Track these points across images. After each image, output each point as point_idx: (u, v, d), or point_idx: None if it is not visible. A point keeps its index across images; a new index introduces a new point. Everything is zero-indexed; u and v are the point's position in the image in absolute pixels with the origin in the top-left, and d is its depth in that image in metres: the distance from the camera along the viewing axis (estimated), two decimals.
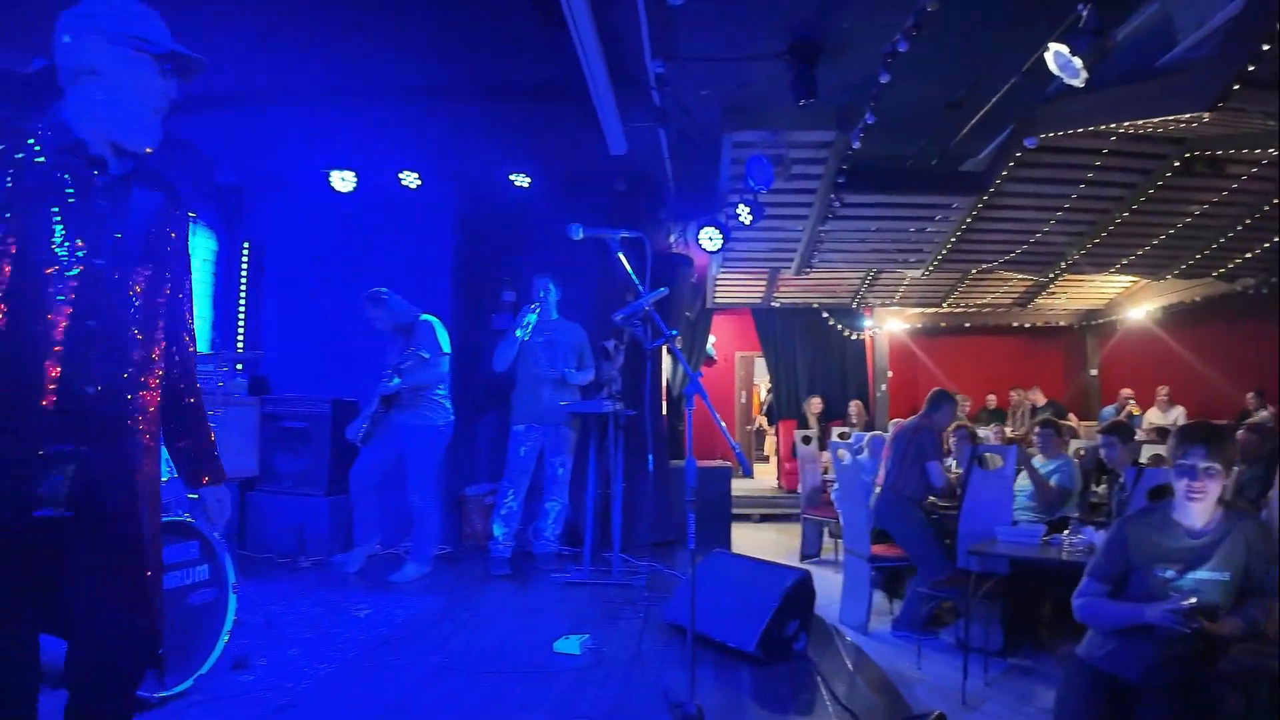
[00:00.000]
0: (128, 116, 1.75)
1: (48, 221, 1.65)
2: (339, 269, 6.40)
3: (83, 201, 1.70)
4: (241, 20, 4.09)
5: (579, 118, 5.35)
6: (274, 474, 6.12)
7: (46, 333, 1.62)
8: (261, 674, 3.48)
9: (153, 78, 1.78)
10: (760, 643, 3.60)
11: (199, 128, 5.89)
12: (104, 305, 1.71)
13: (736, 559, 4.39)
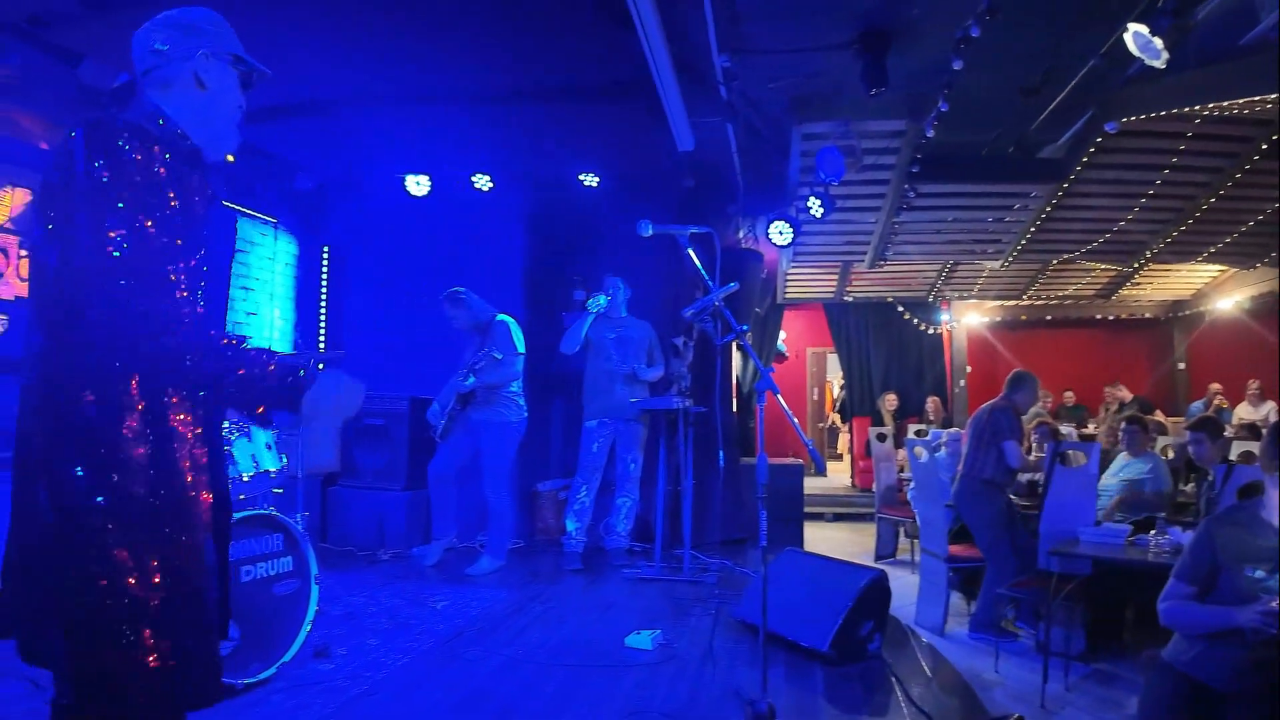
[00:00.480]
0: (224, 127, 1.84)
1: (190, 230, 1.66)
2: (415, 271, 6.56)
3: (194, 204, 1.70)
4: (319, 30, 4.21)
5: (646, 115, 5.36)
6: (354, 469, 6.33)
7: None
8: (341, 663, 3.60)
9: (237, 92, 1.85)
10: (834, 642, 3.57)
11: (280, 136, 6.10)
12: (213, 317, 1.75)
13: (810, 557, 4.35)
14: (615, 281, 5.75)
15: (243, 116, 1.88)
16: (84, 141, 1.52)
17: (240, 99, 1.86)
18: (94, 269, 1.47)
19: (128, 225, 1.49)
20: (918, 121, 5.93)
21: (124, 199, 1.51)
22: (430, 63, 4.64)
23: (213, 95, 1.79)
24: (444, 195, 6.62)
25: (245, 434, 3.62)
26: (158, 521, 1.52)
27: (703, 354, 5.95)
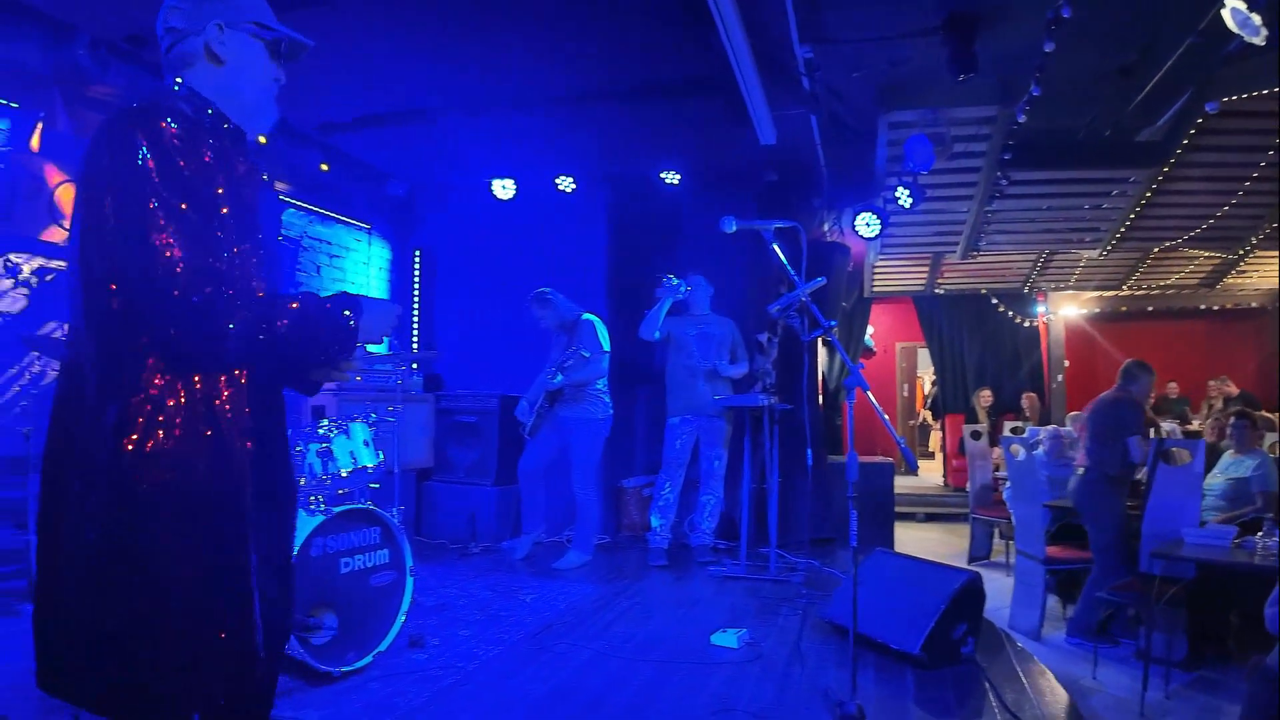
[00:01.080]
0: (254, 102, 1.72)
1: (251, 215, 1.66)
2: (502, 272, 6.71)
3: (241, 188, 1.66)
4: (410, 41, 4.34)
5: (727, 110, 5.34)
6: (447, 465, 6.54)
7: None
8: (435, 653, 3.71)
9: (267, 63, 1.72)
10: (925, 645, 3.50)
11: (371, 145, 6.31)
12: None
13: (901, 558, 4.27)
14: (697, 279, 5.76)
15: (278, 88, 1.75)
16: (127, 130, 1.48)
17: (273, 70, 1.73)
18: (137, 260, 1.42)
19: (172, 214, 1.44)
20: (1009, 106, 5.74)
21: (169, 187, 1.45)
22: (515, 68, 4.72)
23: (232, 69, 1.66)
24: (529, 198, 6.74)
25: (344, 431, 3.77)
26: (192, 517, 1.47)
27: (788, 350, 5.90)
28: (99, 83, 4.54)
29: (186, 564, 1.46)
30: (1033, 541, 5.04)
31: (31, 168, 4.40)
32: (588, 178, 6.64)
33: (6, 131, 4.32)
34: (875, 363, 12.83)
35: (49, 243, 4.50)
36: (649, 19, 4.34)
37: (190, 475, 1.47)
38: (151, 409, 1.45)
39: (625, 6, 4.17)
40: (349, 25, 4.13)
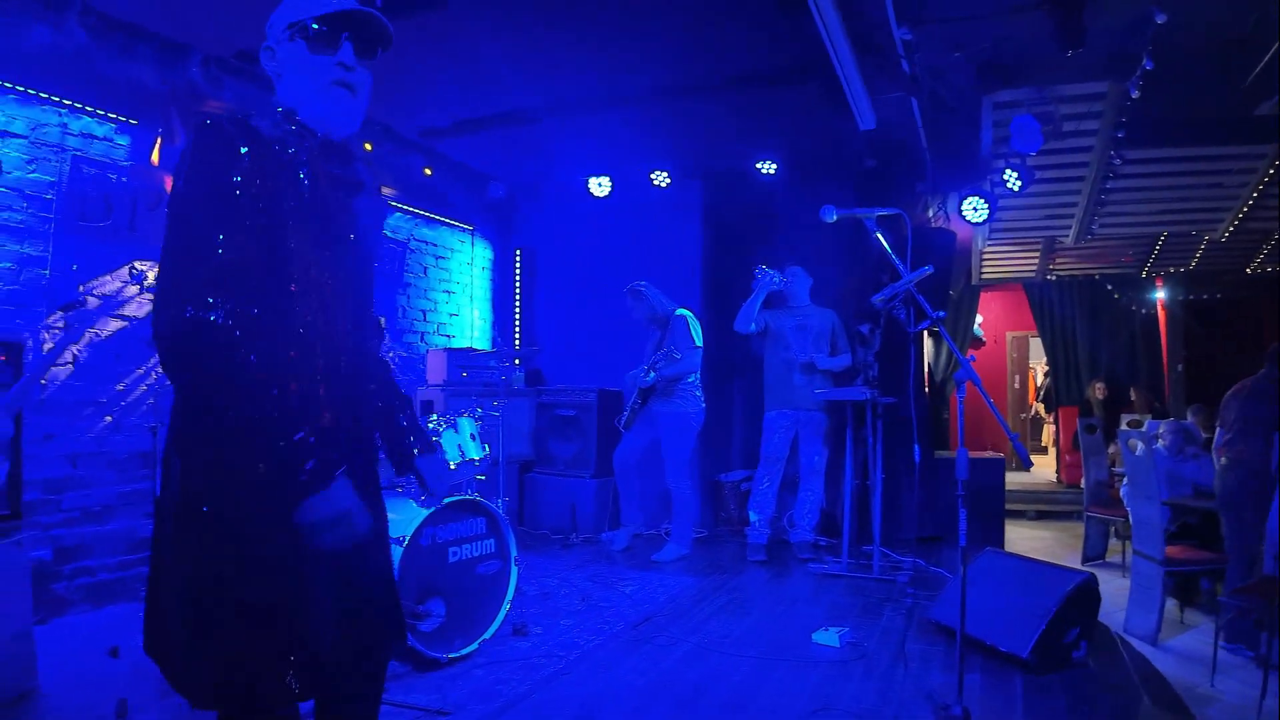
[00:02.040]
0: (317, 105, 1.67)
1: (319, 225, 1.64)
2: (600, 268, 6.77)
3: (339, 198, 1.71)
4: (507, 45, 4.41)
5: (823, 97, 5.23)
6: (548, 457, 6.68)
7: (327, 339, 1.65)
8: (538, 641, 3.81)
9: (315, 59, 1.65)
10: (1035, 649, 3.38)
11: (473, 149, 6.46)
12: (356, 307, 1.74)
13: (1011, 558, 4.13)
14: (795, 269, 5.69)
15: (355, 80, 1.68)
16: (192, 144, 1.52)
17: (327, 64, 1.65)
18: (201, 270, 1.45)
19: (235, 225, 1.49)
20: (1121, 82, 5.43)
21: (230, 199, 1.49)
22: (611, 66, 4.75)
23: (289, 80, 1.67)
24: (624, 194, 6.78)
25: (452, 425, 3.87)
26: (263, 526, 1.51)
27: (891, 341, 5.76)
28: (212, 98, 4.79)
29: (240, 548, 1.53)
30: (1151, 541, 4.78)
31: (151, 181, 4.66)
32: (682, 171, 6.62)
33: (127, 147, 4.60)
34: (985, 353, 12.38)
35: None
36: (743, 9, 4.30)
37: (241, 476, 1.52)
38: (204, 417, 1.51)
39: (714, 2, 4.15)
40: (449, 32, 4.24)
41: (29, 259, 4.16)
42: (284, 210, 1.56)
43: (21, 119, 4.14)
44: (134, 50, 4.39)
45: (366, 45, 1.69)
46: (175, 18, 4.28)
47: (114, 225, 4.46)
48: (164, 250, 1.49)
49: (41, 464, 4.15)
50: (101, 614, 4.28)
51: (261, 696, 1.53)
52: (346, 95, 1.67)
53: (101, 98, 4.43)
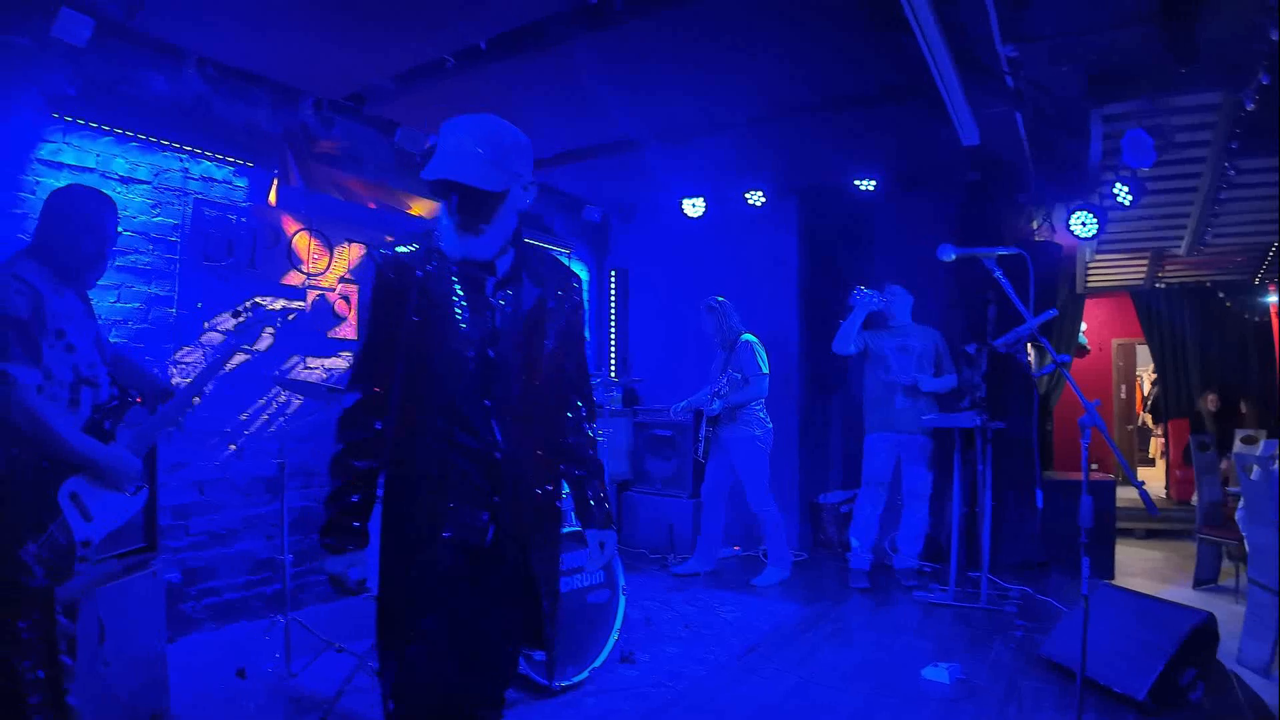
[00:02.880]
0: (442, 236, 2.03)
1: (452, 319, 2.01)
2: (693, 288, 6.75)
3: (475, 300, 2.04)
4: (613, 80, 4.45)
5: (925, 112, 5.14)
6: (645, 477, 6.74)
7: (458, 407, 2.00)
8: (645, 669, 3.85)
9: (442, 208, 2.02)
10: (1152, 691, 3.27)
11: (573, 176, 6.56)
12: (497, 385, 2.03)
13: (1126, 594, 3.98)
14: (895, 288, 5.58)
15: (445, 213, 2.01)
16: (364, 264, 2.11)
17: (442, 209, 2.01)
18: (359, 357, 2.07)
19: (379, 327, 2.02)
20: (1235, 92, 5.19)
21: (372, 310, 2.02)
22: (711, 92, 4.75)
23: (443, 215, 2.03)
24: (718, 214, 6.73)
25: None
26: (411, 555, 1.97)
27: (997, 363, 5.59)
28: (324, 138, 4.99)
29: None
30: (1268, 570, 4.53)
31: (270, 219, 4.89)
32: (777, 189, 6.55)
33: (246, 189, 4.81)
34: (1089, 361, 11.89)
35: (289, 286, 4.99)
36: (844, 32, 4.26)
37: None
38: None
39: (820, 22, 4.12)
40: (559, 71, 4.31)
41: (156, 298, 4.40)
42: (410, 312, 1.99)
43: (145, 165, 4.37)
44: (249, 95, 4.60)
45: (471, 202, 1.96)
46: (287, 63, 4.47)
47: (235, 263, 4.69)
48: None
49: (171, 491, 4.38)
50: (225, 632, 4.49)
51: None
52: (470, 236, 1.99)
53: (220, 142, 4.64)
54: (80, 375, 2.54)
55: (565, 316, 2.19)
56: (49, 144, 3.95)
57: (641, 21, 3.85)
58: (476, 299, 2.04)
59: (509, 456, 2.03)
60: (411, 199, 5.72)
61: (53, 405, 2.41)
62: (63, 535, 2.39)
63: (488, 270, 2.06)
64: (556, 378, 2.17)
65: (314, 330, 5.11)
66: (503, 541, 2.03)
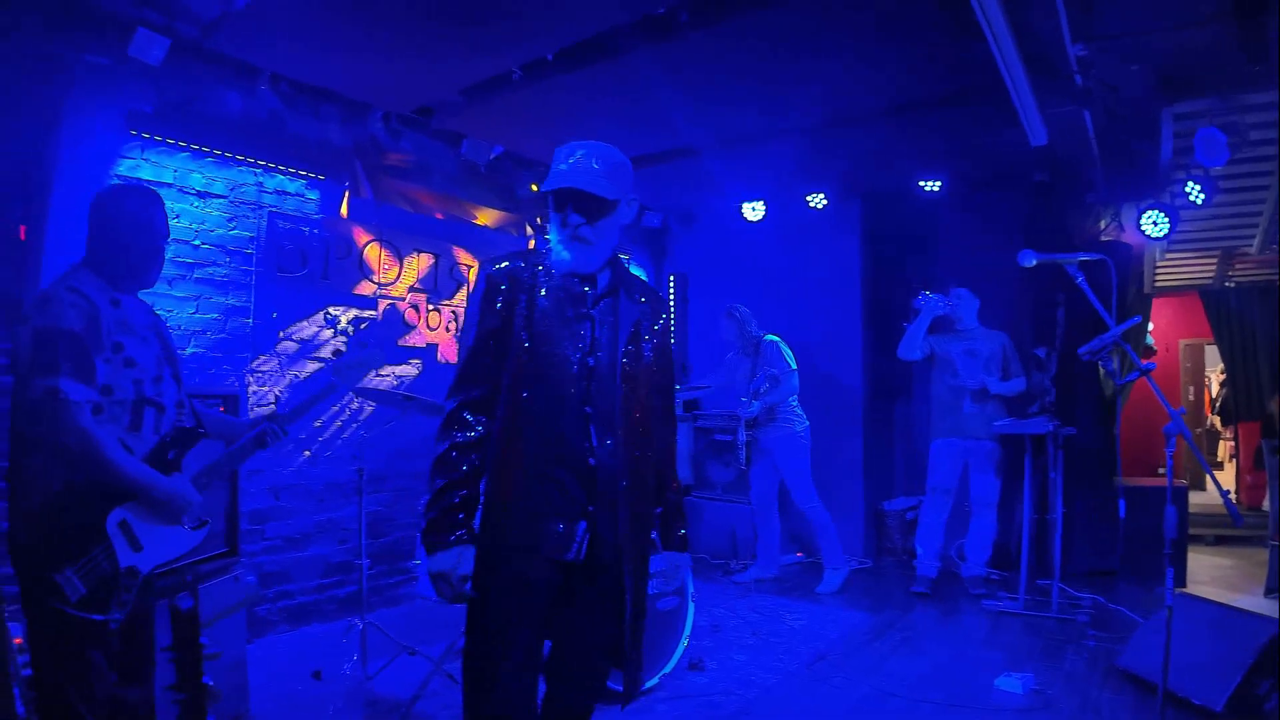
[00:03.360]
0: (554, 248, 2.14)
1: (556, 328, 2.10)
2: (752, 292, 6.72)
3: (577, 311, 2.13)
4: (677, 89, 4.46)
5: (991, 114, 5.07)
6: (707, 482, 6.75)
7: (558, 413, 2.06)
8: (714, 676, 3.87)
9: (555, 216, 2.12)
10: (1229, 703, 3.23)
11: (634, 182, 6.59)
12: (599, 395, 2.10)
13: (1202, 603, 3.90)
14: (960, 291, 5.51)
15: (575, 233, 2.11)
16: (477, 278, 2.16)
17: (558, 220, 2.12)
18: (465, 362, 2.15)
19: (481, 338, 2.12)
20: None
21: (481, 317, 2.13)
22: (776, 99, 4.73)
23: (551, 230, 2.18)
24: (779, 217, 6.69)
25: None
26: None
27: (1067, 368, 5.50)
28: (393, 151, 5.09)
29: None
30: None
31: (341, 231, 5.01)
32: (840, 192, 6.48)
33: (318, 202, 4.93)
34: (1156, 363, 11.60)
35: (360, 295, 5.12)
36: (909, 37, 4.23)
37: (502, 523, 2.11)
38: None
39: (885, 28, 4.10)
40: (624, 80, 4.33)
41: (233, 309, 4.53)
42: (516, 320, 2.10)
43: (221, 180, 4.50)
44: (320, 111, 4.72)
45: (585, 210, 2.09)
46: (357, 79, 4.56)
47: (309, 274, 4.82)
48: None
49: (248, 497, 4.50)
50: (299, 634, 4.61)
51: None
52: (578, 245, 2.11)
53: (292, 156, 4.75)
54: (143, 395, 2.35)
55: (658, 337, 2.26)
56: (127, 160, 4.09)
57: (706, 32, 3.86)
58: (578, 310, 2.13)
59: (604, 465, 2.08)
60: (477, 209, 5.81)
61: (112, 426, 2.25)
62: (106, 562, 2.21)
63: (589, 283, 2.17)
64: (650, 394, 2.22)
65: (386, 339, 5.24)
66: (597, 551, 2.07)
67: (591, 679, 2.22)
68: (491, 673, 2.00)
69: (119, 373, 2.28)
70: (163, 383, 2.42)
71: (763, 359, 5.53)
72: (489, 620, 2.02)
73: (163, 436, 2.40)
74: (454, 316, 5.67)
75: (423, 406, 3.74)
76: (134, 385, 2.32)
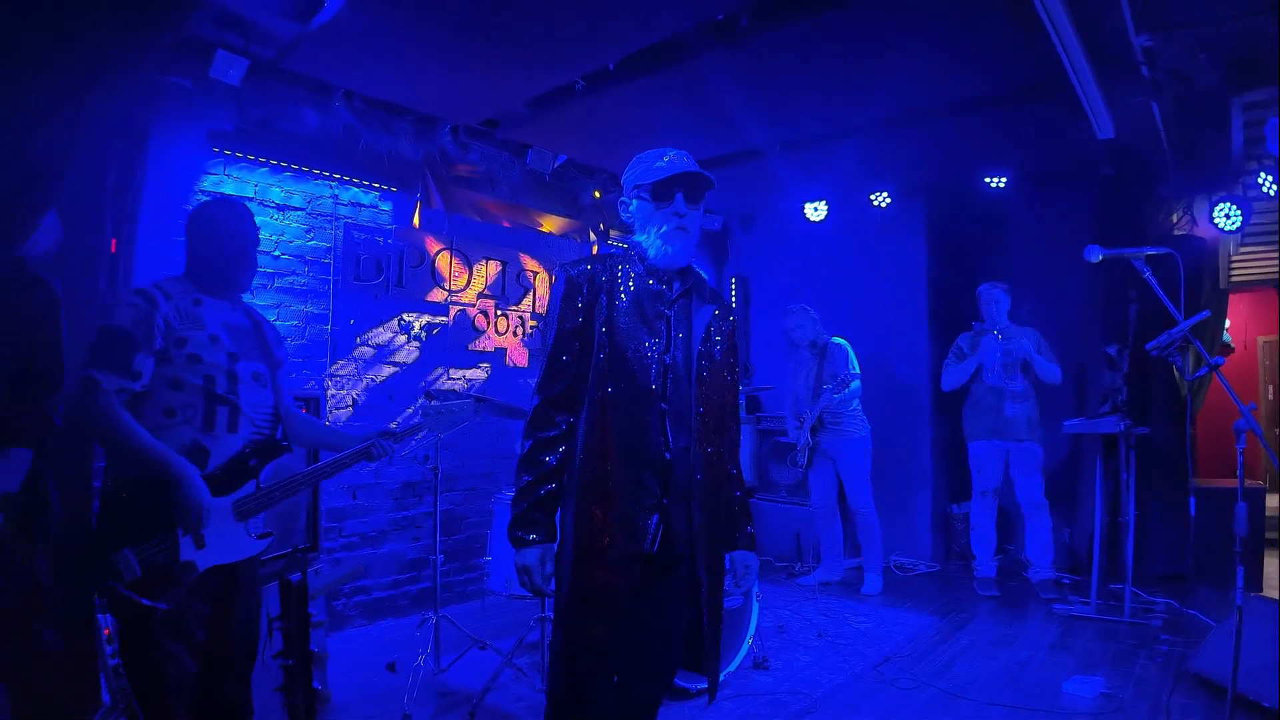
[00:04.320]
0: (658, 245, 2.19)
1: (639, 328, 2.16)
2: (814, 292, 6.72)
3: (658, 311, 2.20)
4: (744, 92, 4.48)
5: (1058, 107, 5.00)
6: (770, 484, 6.76)
7: (639, 412, 2.13)
8: (779, 676, 3.90)
9: (656, 213, 2.19)
10: None
11: None
12: (675, 392, 2.16)
13: (1273, 605, 3.79)
14: (993, 293, 5.48)
15: (687, 223, 2.19)
16: (557, 279, 2.23)
17: (665, 214, 2.18)
18: (548, 360, 2.19)
19: (566, 338, 2.17)
20: None
21: (561, 317, 2.18)
22: (840, 99, 4.73)
23: (639, 225, 2.24)
24: (841, 217, 6.67)
25: None
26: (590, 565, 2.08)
27: (1139, 366, 5.38)
28: (462, 162, 5.25)
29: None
30: None
31: (414, 240, 5.18)
32: (903, 190, 6.43)
33: (390, 213, 5.11)
34: (1234, 361, 11.20)
35: (433, 302, 5.28)
36: (973, 32, 4.20)
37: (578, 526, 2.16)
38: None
39: (949, 25, 4.08)
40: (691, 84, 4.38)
41: (313, 316, 4.72)
42: (597, 317, 2.16)
43: (299, 194, 4.70)
44: (392, 125, 4.88)
45: (693, 194, 2.20)
46: (426, 93, 4.69)
47: (384, 282, 5.00)
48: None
49: (327, 495, 4.69)
50: (374, 629, 4.77)
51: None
52: (682, 235, 2.18)
53: (366, 170, 4.93)
54: (214, 392, 2.39)
55: (727, 338, 2.32)
56: (210, 176, 4.30)
57: (769, 35, 3.89)
58: (657, 309, 2.19)
59: (680, 461, 2.13)
60: (543, 216, 5.95)
61: (186, 429, 2.34)
62: (163, 553, 2.27)
63: (668, 283, 2.23)
64: (721, 392, 2.27)
65: (456, 344, 5.41)
66: (671, 544, 2.12)
67: (663, 671, 2.28)
68: (571, 663, 2.07)
69: (184, 368, 2.35)
70: (241, 384, 2.46)
71: (828, 361, 5.53)
72: (572, 610, 2.09)
73: (246, 443, 2.45)
74: (521, 321, 5.81)
75: (493, 408, 3.85)
76: (204, 381, 2.37)
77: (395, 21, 3.72)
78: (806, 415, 5.59)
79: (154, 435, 2.28)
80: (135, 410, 2.30)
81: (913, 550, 6.34)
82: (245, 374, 2.49)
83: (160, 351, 2.34)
